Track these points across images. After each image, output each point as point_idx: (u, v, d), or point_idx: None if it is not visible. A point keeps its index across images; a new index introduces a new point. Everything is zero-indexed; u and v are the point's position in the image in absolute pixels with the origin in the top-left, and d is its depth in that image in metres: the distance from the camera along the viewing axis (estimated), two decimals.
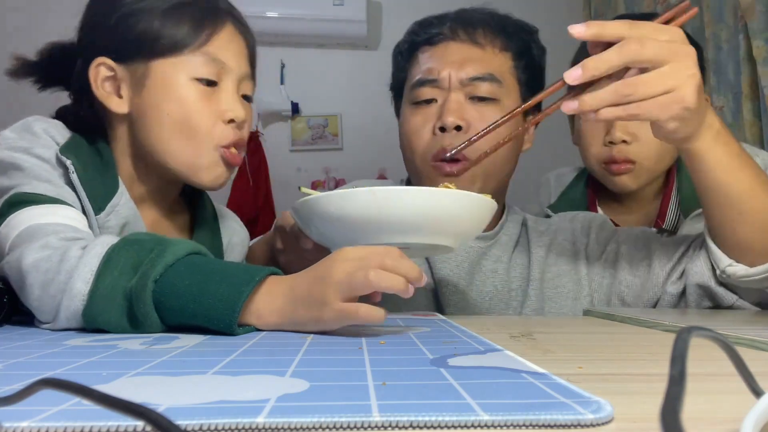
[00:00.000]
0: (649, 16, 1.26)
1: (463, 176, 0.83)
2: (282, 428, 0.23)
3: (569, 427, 0.23)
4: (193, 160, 0.81)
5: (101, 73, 0.80)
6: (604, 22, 0.61)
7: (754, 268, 0.71)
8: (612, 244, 0.92)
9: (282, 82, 2.74)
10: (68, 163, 0.71)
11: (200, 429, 0.22)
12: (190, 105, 0.80)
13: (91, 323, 0.53)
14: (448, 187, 0.69)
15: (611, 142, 1.08)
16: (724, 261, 0.73)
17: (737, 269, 0.72)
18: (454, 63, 0.88)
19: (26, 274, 0.56)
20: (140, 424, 0.22)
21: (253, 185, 2.67)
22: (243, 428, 0.23)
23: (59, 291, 0.54)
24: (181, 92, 0.80)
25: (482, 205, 0.63)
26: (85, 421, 0.22)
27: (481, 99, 0.87)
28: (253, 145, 2.73)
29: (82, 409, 0.24)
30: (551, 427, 0.23)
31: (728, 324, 0.59)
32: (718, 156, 0.68)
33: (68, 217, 0.66)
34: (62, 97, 0.88)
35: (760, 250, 0.71)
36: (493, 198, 0.76)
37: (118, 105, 0.81)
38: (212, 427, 0.22)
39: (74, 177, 0.71)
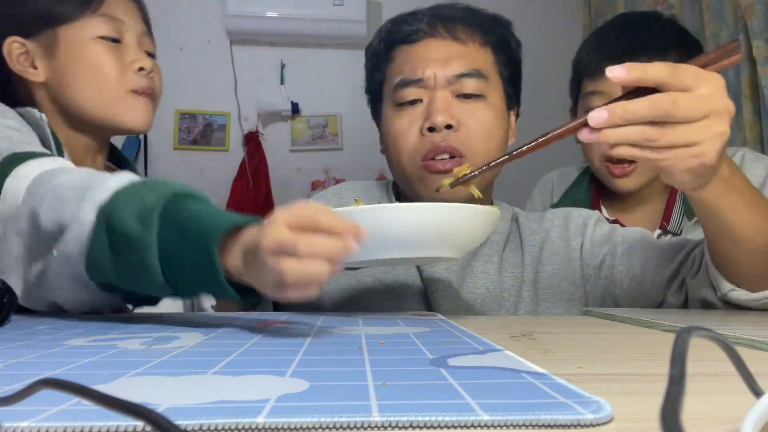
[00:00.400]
0: (650, 16, 1.26)
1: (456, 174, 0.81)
2: (282, 428, 0.23)
3: (569, 427, 0.23)
4: (111, 106, 0.92)
5: (14, 50, 0.91)
6: (645, 66, 0.56)
7: (756, 293, 0.70)
8: (608, 244, 0.89)
9: (282, 82, 2.74)
10: (42, 116, 0.82)
11: (200, 429, 0.22)
12: (99, 59, 0.92)
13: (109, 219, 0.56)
14: (444, 186, 0.72)
15: None
16: (726, 286, 0.72)
17: (739, 294, 0.71)
18: (438, 61, 0.86)
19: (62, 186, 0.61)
20: (140, 424, 0.22)
21: (253, 185, 2.68)
22: (243, 428, 0.23)
23: (90, 186, 0.59)
24: (89, 50, 0.91)
25: (491, 217, 0.63)
26: (85, 421, 0.22)
27: (468, 96, 0.85)
28: (253, 145, 2.74)
29: (82, 409, 0.24)
30: (551, 427, 0.23)
31: (728, 324, 0.59)
32: (726, 203, 0.66)
33: (68, 164, 0.73)
34: None
35: (763, 277, 0.70)
36: (482, 195, 0.77)
37: (35, 75, 0.92)
38: (212, 427, 0.22)
39: (48, 131, 0.82)
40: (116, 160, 1.06)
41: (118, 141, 2.64)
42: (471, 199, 0.74)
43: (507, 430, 0.23)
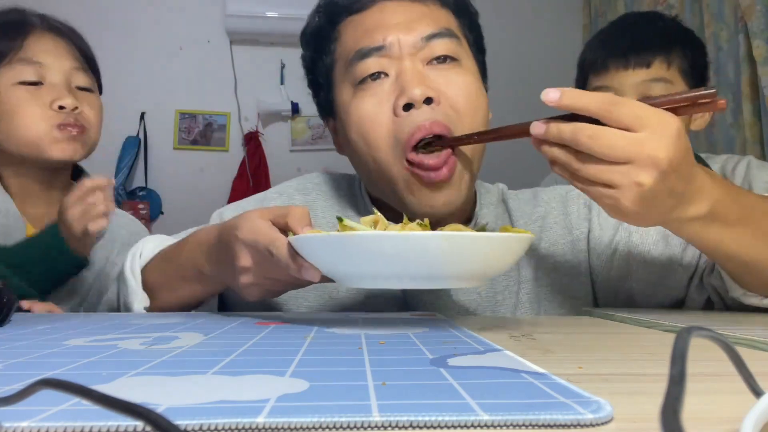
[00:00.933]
0: (654, 15, 1.27)
1: (452, 182, 0.70)
2: (282, 428, 0.23)
3: (569, 426, 0.23)
4: (35, 145, 0.98)
5: None
6: (581, 93, 0.53)
7: None
8: (621, 230, 0.80)
9: (282, 82, 2.74)
10: None
11: (200, 429, 0.22)
12: (16, 104, 0.98)
13: None
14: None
15: None
16: (738, 291, 0.69)
17: (753, 300, 0.68)
18: (399, 25, 0.72)
19: None
20: (140, 424, 0.22)
21: (253, 185, 2.68)
22: (243, 428, 0.23)
23: None
24: (9, 97, 0.98)
25: (527, 243, 0.55)
26: (85, 421, 0.22)
27: (441, 61, 0.72)
28: (253, 145, 2.74)
29: (81, 409, 0.24)
30: (551, 426, 0.23)
31: (728, 324, 0.59)
32: (714, 237, 0.60)
33: None
34: None
35: None
36: (470, 182, 0.72)
37: None
38: (212, 427, 0.22)
39: None
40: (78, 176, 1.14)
41: (118, 141, 2.65)
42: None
43: (507, 430, 0.23)
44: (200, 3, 2.75)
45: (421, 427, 0.23)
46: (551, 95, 0.53)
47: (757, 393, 0.24)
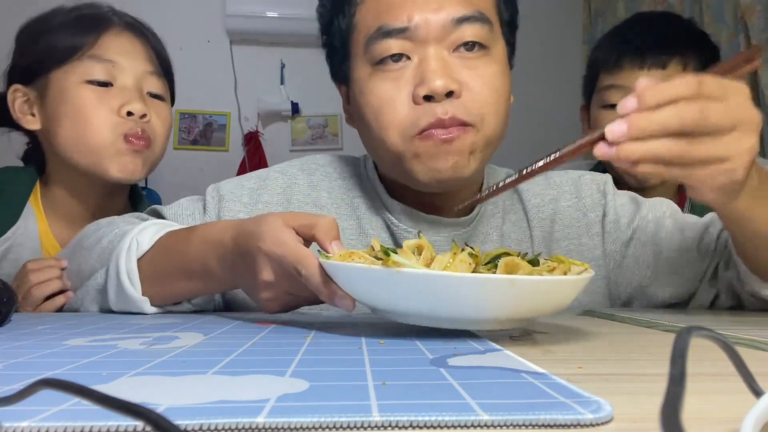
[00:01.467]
0: (670, 15, 1.25)
1: (462, 147, 0.67)
2: (282, 428, 0.23)
3: (569, 426, 0.23)
4: (95, 156, 0.89)
5: (16, 98, 0.91)
6: (667, 86, 0.49)
7: None
8: (637, 218, 0.79)
9: (282, 82, 2.74)
10: None
11: (200, 429, 0.22)
12: (83, 105, 0.89)
13: None
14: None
15: None
16: (757, 283, 0.67)
17: None
18: (429, 2, 0.66)
19: None
20: (140, 424, 0.22)
21: None
22: (243, 428, 0.23)
23: None
24: (74, 95, 0.89)
25: (584, 285, 0.51)
26: (85, 421, 0.22)
27: (469, 48, 0.67)
28: (253, 145, 2.74)
29: (81, 409, 0.24)
30: (551, 426, 0.23)
31: (728, 324, 0.59)
32: (757, 213, 0.60)
33: None
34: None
35: None
36: (480, 156, 0.68)
37: (31, 122, 0.92)
38: (212, 427, 0.22)
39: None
40: (133, 199, 1.05)
41: None
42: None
43: (507, 430, 0.23)
44: (200, 3, 2.75)
45: (421, 427, 0.23)
46: (629, 103, 0.48)
47: (757, 393, 0.24)
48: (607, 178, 0.86)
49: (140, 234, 0.68)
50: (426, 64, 0.66)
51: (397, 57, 0.67)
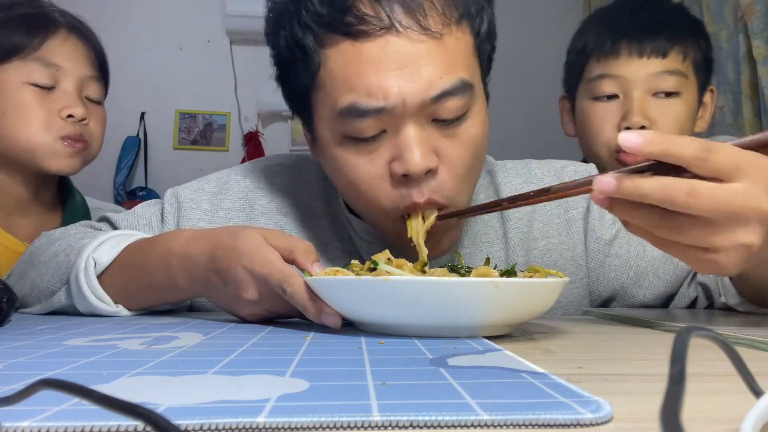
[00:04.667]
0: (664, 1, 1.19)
1: (443, 232, 0.66)
2: (282, 428, 0.23)
3: (568, 426, 0.23)
4: (33, 152, 0.93)
5: None
6: (670, 140, 0.43)
7: (764, 308, 0.65)
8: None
9: None
10: None
11: (200, 429, 0.22)
12: (23, 105, 0.92)
13: None
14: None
15: (628, 128, 0.99)
16: (734, 298, 0.66)
17: (749, 307, 0.66)
18: (404, 74, 0.59)
19: None
20: (140, 424, 0.22)
21: None
22: (243, 428, 0.23)
23: None
24: (16, 96, 0.92)
25: (563, 288, 0.51)
26: (85, 421, 0.22)
27: (449, 122, 0.62)
28: (253, 145, 2.74)
29: (82, 409, 0.24)
30: (551, 426, 0.23)
31: (728, 324, 0.59)
32: (763, 271, 0.55)
33: None
34: None
35: None
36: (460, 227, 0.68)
37: None
38: (212, 427, 0.22)
39: None
40: (63, 193, 1.08)
41: (118, 141, 2.64)
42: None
43: (507, 430, 0.23)
44: (200, 3, 2.75)
45: (421, 427, 0.23)
46: (632, 140, 0.43)
47: (757, 393, 0.24)
48: (592, 168, 0.83)
49: (96, 251, 0.66)
50: (403, 140, 0.60)
51: (372, 137, 0.62)
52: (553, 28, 2.86)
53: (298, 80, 0.66)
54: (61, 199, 1.06)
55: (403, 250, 0.64)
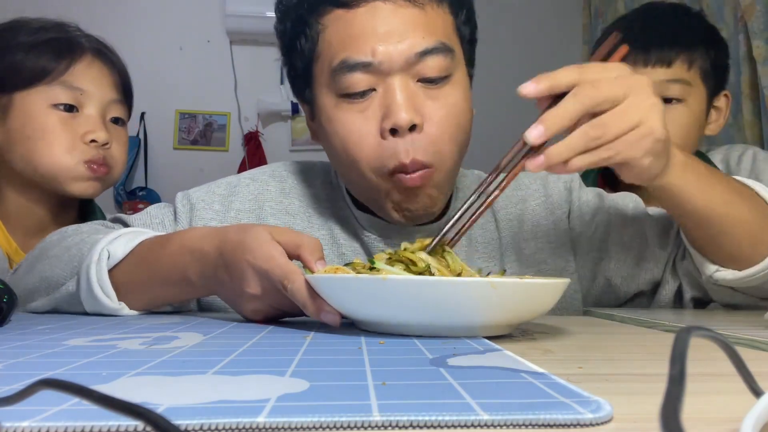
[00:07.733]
0: (680, 9, 1.20)
1: (427, 191, 0.70)
2: (282, 428, 0.23)
3: (568, 426, 0.23)
4: (56, 174, 0.94)
5: None
6: (553, 74, 0.56)
7: (743, 272, 0.68)
8: (601, 213, 0.81)
9: (282, 82, 2.74)
10: None
11: (200, 429, 0.22)
12: (48, 129, 0.93)
13: None
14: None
15: None
16: (710, 268, 0.71)
17: (725, 274, 0.70)
18: (391, 34, 0.66)
19: None
20: (140, 424, 0.22)
21: None
22: (243, 428, 0.23)
23: None
24: (41, 120, 0.93)
25: (563, 289, 0.52)
26: (85, 421, 0.22)
27: (432, 81, 0.68)
28: (253, 145, 2.74)
29: (82, 409, 0.24)
30: (551, 426, 0.23)
31: (728, 324, 0.59)
32: (691, 185, 0.64)
33: None
34: None
35: (748, 257, 0.68)
36: (448, 187, 0.72)
37: None
38: (212, 427, 0.22)
39: None
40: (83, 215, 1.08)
41: None
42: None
43: (507, 430, 0.23)
44: (200, 3, 2.75)
45: (421, 427, 0.23)
46: (529, 87, 0.55)
47: (757, 393, 0.24)
48: (576, 177, 0.89)
49: (112, 244, 0.67)
50: (391, 96, 0.67)
51: (363, 92, 0.68)
52: (553, 29, 2.87)
53: (302, 56, 0.73)
54: (83, 220, 1.05)
55: (392, 212, 0.72)
